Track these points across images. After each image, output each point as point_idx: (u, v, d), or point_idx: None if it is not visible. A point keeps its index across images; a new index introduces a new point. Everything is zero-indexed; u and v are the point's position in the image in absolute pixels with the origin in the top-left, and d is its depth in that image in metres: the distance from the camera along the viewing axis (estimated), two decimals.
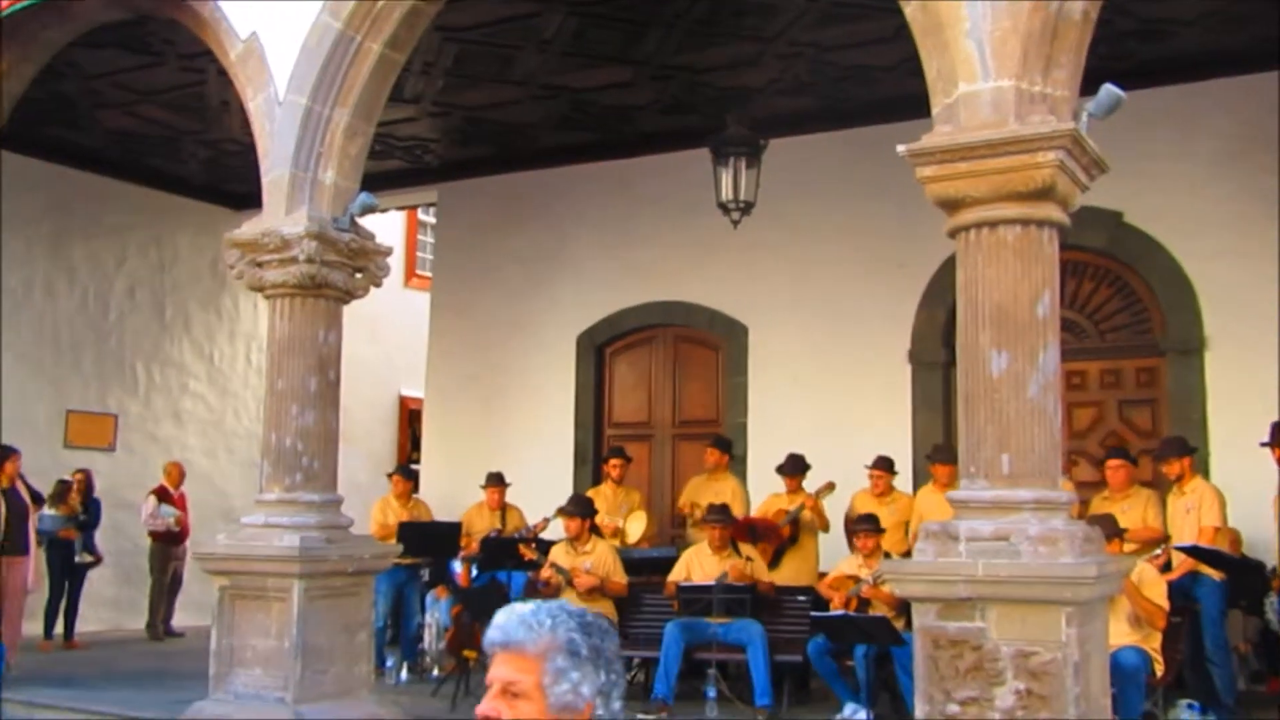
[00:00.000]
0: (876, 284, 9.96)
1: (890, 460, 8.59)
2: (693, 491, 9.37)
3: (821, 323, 10.21)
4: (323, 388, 6.20)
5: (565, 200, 11.52)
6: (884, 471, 8.52)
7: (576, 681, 1.68)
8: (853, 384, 9.97)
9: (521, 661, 1.69)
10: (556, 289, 11.50)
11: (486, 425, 11.64)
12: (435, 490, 11.41)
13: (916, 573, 4.34)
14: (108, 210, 12.30)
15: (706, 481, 9.30)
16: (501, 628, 1.72)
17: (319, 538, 5.94)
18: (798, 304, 10.32)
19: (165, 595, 11.51)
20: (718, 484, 9.23)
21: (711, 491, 9.09)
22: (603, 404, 11.35)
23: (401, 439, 15.50)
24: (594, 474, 10.91)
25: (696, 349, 11.02)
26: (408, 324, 15.13)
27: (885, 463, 8.56)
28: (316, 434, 6.15)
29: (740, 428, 10.45)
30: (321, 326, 6.21)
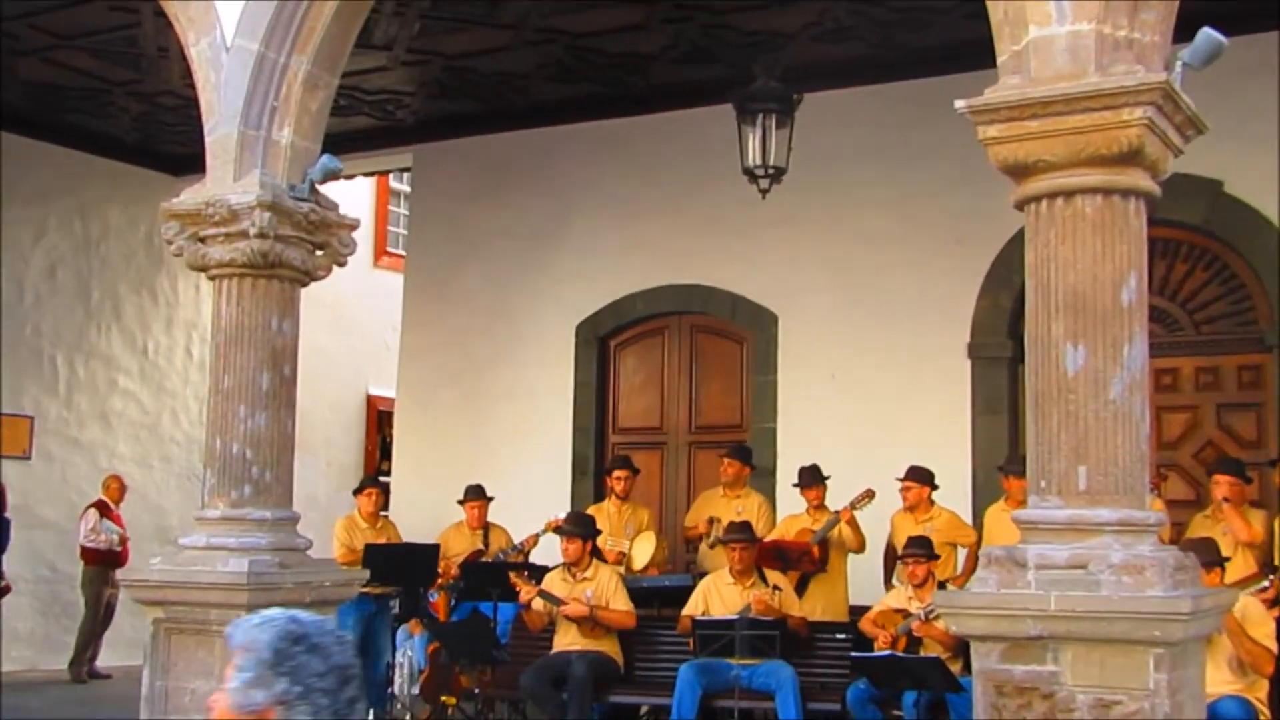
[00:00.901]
0: (930, 265, 9.96)
1: (926, 472, 8.61)
2: (704, 507, 9.41)
3: (864, 311, 10.21)
4: (276, 385, 6.20)
5: (563, 166, 11.53)
6: (917, 483, 8.55)
7: (247, 682, 1.92)
8: (901, 383, 9.96)
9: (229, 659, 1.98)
10: (552, 270, 11.51)
11: (469, 431, 11.67)
12: (408, 507, 11.44)
13: (977, 606, 4.33)
14: (23, 176, 12.31)
15: (722, 498, 9.34)
16: (236, 624, 2.00)
17: (271, 561, 5.94)
18: (836, 289, 10.32)
19: (98, 629, 11.51)
20: (738, 501, 9.27)
21: (729, 510, 9.12)
22: (606, 406, 11.37)
23: (369, 446, 15.55)
24: (596, 488, 10.94)
25: (717, 341, 11.03)
26: (377, 311, 15.17)
27: (920, 474, 8.58)
28: (269, 440, 6.16)
29: (768, 434, 10.47)
30: (275, 313, 6.21)
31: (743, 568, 8.06)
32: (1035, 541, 4.37)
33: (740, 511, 9.15)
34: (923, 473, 8.59)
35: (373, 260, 15.58)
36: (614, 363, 11.41)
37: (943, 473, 8.85)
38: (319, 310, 13.25)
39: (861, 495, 8.60)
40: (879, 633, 7.64)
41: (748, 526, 8.35)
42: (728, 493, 9.36)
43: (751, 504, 9.27)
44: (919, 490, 8.55)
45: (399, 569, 9.00)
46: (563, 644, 8.14)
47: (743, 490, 9.37)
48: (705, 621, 7.73)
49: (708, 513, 9.28)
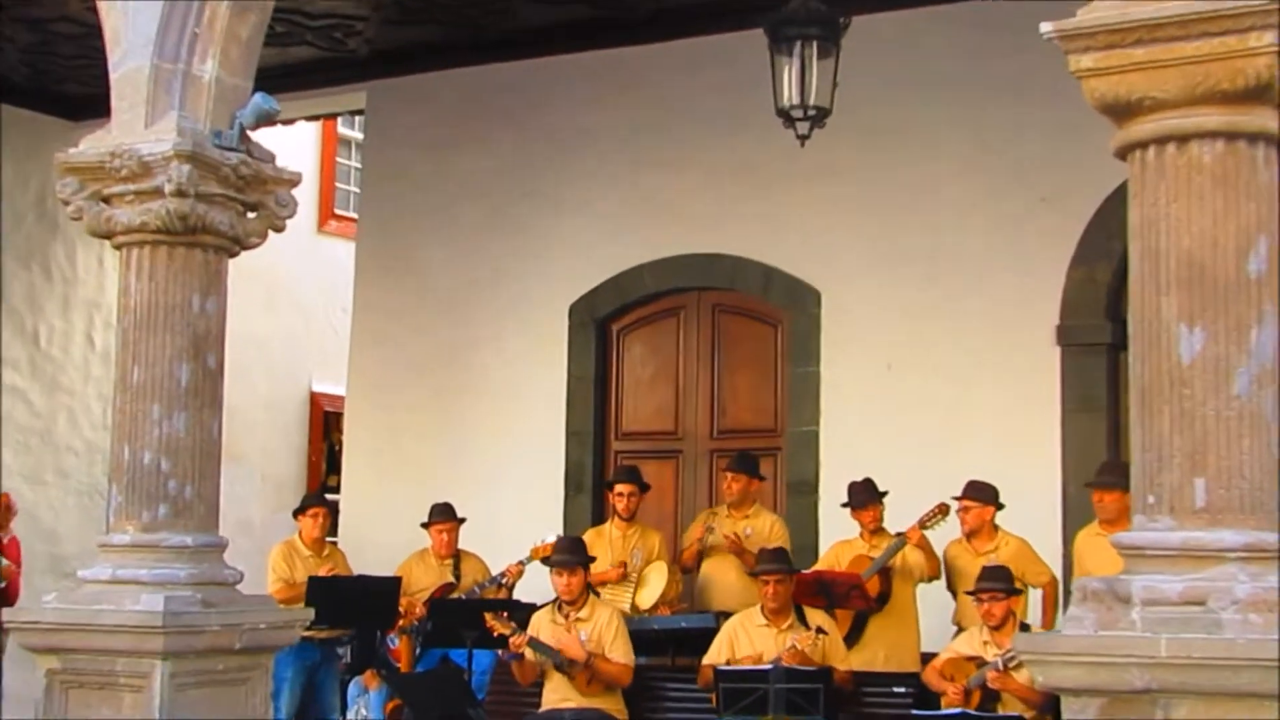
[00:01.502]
0: (1009, 229, 9.95)
1: (988, 488, 8.63)
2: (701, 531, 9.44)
3: (928, 287, 10.20)
4: (199, 380, 6.21)
5: (552, 106, 11.52)
6: (977, 502, 8.56)
7: None
8: (974, 377, 9.96)
9: None
10: (540, 237, 11.52)
11: (437, 437, 11.68)
12: (362, 532, 11.48)
13: (1069, 653, 4.33)
14: None
15: (726, 519, 9.41)
16: None
17: (192, 598, 5.96)
18: (893, 259, 10.31)
19: None
20: (745, 523, 9.33)
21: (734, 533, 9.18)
22: (607, 405, 11.37)
23: (313, 456, 15.56)
24: (595, 508, 10.96)
25: (745, 325, 11.02)
26: (322, 288, 15.17)
27: (981, 491, 8.59)
28: (189, 448, 6.17)
29: (808, 440, 10.48)
30: (197, 290, 6.22)
31: (778, 605, 8.06)
32: (1141, 571, 4.36)
33: (749, 535, 9.19)
34: (984, 489, 8.60)
35: (317, 225, 15.56)
36: (617, 352, 11.41)
37: (1025, 489, 8.85)
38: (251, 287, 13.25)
39: (933, 511, 8.60)
40: (947, 686, 7.64)
41: (784, 554, 8.35)
42: (733, 513, 9.41)
43: (762, 525, 9.31)
44: (980, 511, 8.55)
45: (350, 607, 9.02)
46: (554, 700, 8.16)
47: (750, 509, 9.41)
48: (731, 672, 7.74)
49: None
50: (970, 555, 8.49)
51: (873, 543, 8.80)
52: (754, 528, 9.28)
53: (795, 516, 10.26)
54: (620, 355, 11.40)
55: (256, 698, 6.31)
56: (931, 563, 8.67)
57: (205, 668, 6.04)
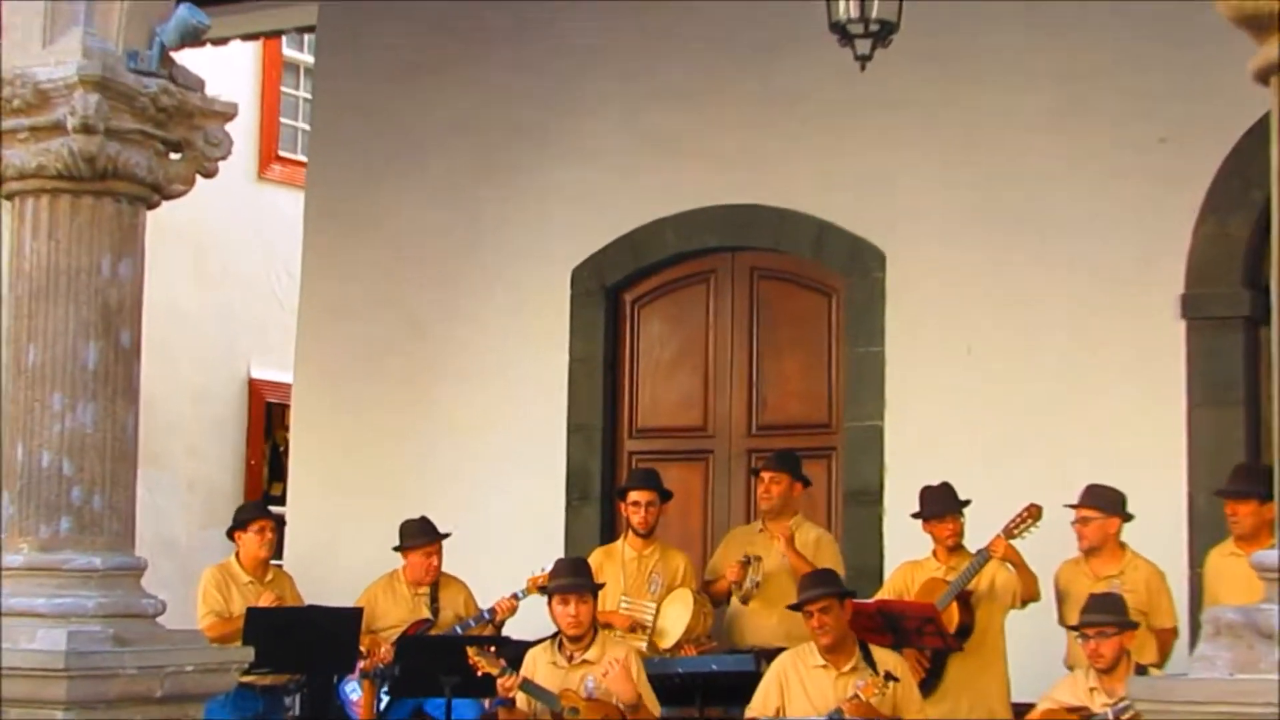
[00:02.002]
0: (1119, 176, 9.95)
1: (1113, 495, 8.61)
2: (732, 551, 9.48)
3: (1018, 248, 10.23)
4: (110, 362, 6.18)
5: (550, 23, 11.52)
6: (1099, 512, 8.54)
7: None
8: (1077, 359, 9.99)
9: None
10: (535, 185, 11.53)
11: (407, 435, 11.72)
12: (314, 554, 11.52)
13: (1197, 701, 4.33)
14: None
15: (761, 535, 9.46)
16: None
17: (102, 634, 5.92)
18: (975, 213, 10.34)
19: None
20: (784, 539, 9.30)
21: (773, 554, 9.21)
22: (619, 395, 11.42)
23: (252, 459, 15.60)
24: (604, 522, 11.01)
25: (792, 294, 11.08)
26: (263, 249, 15.17)
27: (1104, 498, 8.57)
28: (98, 446, 6.14)
29: (870, 437, 10.52)
30: (107, 250, 6.18)
31: (832, 640, 8.03)
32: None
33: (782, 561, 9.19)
34: (1108, 496, 8.58)
35: (257, 170, 15.59)
36: (631, 328, 11.45)
37: (1142, 499, 8.85)
38: (174, 250, 13.30)
39: (1022, 515, 8.61)
40: None
41: (830, 575, 8.34)
42: (770, 526, 9.43)
43: (805, 541, 9.32)
44: (1102, 524, 8.55)
45: (299, 647, 9.00)
46: None
47: (791, 520, 9.43)
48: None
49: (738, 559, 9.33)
50: (1087, 580, 8.48)
51: (950, 564, 8.81)
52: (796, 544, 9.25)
53: (854, 533, 10.32)
54: (635, 332, 11.44)
55: None
56: (1027, 581, 8.66)
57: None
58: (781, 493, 9.41)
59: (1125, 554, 8.61)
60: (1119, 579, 8.45)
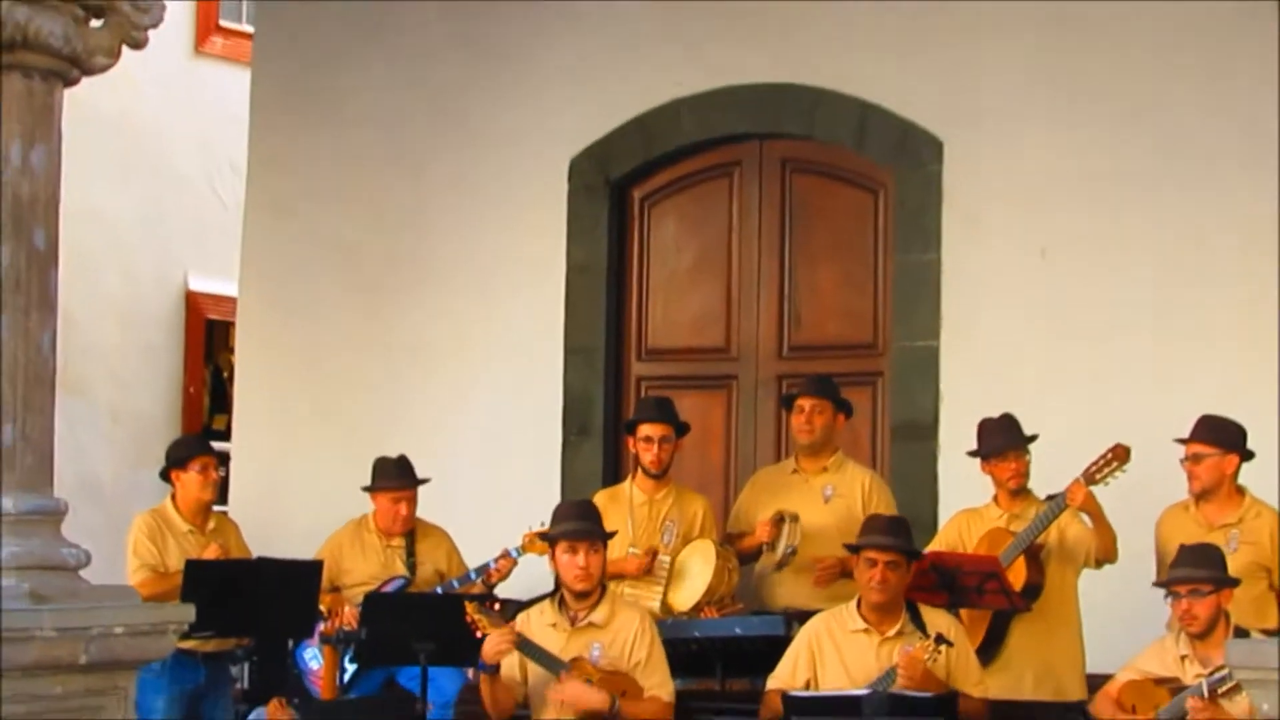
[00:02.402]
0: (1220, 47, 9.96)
1: (1231, 429, 8.58)
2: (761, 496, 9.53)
3: (1106, 133, 10.20)
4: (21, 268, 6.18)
5: None
6: (1215, 448, 8.53)
7: None
8: (1173, 266, 10.03)
9: None
10: (527, 59, 11.51)
11: (374, 357, 11.74)
12: (262, 496, 11.60)
13: None
14: None
15: (795, 476, 9.50)
16: None
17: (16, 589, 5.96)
18: (1055, 91, 10.34)
19: None
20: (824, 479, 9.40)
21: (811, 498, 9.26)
22: (626, 310, 11.46)
23: (190, 386, 15.62)
24: (608, 460, 11.07)
25: (831, 190, 11.11)
26: (201, 138, 15.13)
27: (1220, 431, 8.54)
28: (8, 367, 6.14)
29: (923, 361, 10.57)
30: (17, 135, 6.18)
31: (885, 599, 8.07)
32: None
33: (829, 497, 9.25)
34: (1227, 429, 8.54)
35: (194, 43, 15.54)
36: (641, 229, 11.48)
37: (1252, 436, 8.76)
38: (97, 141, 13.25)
39: (1106, 457, 8.55)
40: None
41: (903, 525, 8.31)
42: (805, 465, 9.47)
43: (848, 483, 9.38)
44: (1218, 462, 8.51)
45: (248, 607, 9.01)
46: None
47: (830, 459, 9.45)
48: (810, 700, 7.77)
49: (770, 504, 9.34)
50: (1198, 529, 8.43)
51: (1013, 510, 8.82)
52: (836, 486, 9.33)
53: (904, 474, 10.38)
54: (646, 235, 11.47)
55: None
56: (1104, 538, 8.63)
57: (36, 692, 6.04)
58: (825, 424, 9.41)
59: (1244, 499, 8.58)
60: (1237, 528, 8.44)
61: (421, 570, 9.69)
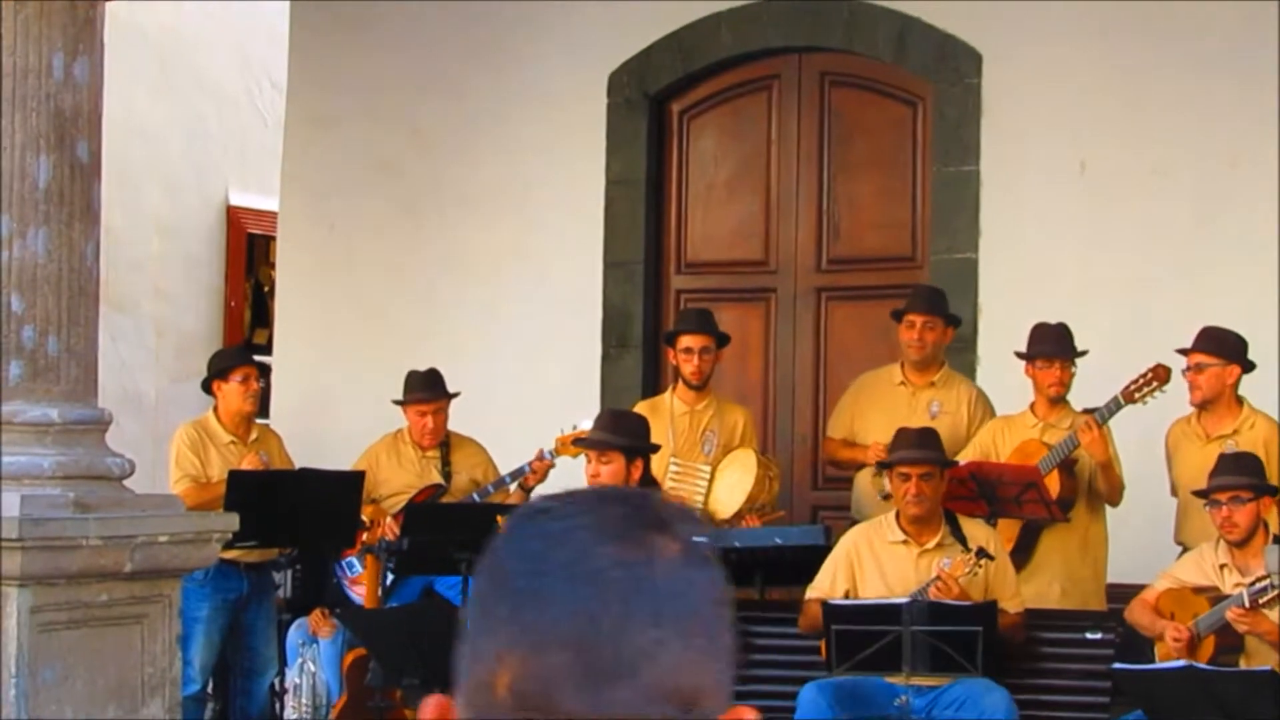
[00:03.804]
0: None
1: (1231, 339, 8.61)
2: (866, 406, 9.48)
3: (1143, 44, 10.16)
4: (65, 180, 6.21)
5: None
6: (1214, 358, 8.54)
7: None
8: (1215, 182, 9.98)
9: None
10: None
11: (413, 272, 11.73)
12: (304, 411, 11.60)
13: None
14: None
15: (901, 387, 9.44)
16: None
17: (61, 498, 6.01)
18: (1090, 11, 10.24)
19: None
20: (931, 394, 9.36)
21: (918, 413, 9.16)
22: (665, 223, 11.41)
23: (232, 300, 15.62)
24: (648, 373, 11.05)
25: (870, 103, 11.06)
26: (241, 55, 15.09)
27: (1220, 343, 8.56)
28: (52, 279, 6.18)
29: (963, 272, 10.52)
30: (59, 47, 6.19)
31: (922, 511, 8.09)
32: None
33: (936, 414, 9.20)
34: (1225, 340, 8.56)
35: None
36: (680, 143, 11.41)
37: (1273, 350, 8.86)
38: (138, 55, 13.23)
39: (1146, 376, 8.56)
40: (1166, 627, 7.66)
41: (935, 439, 8.34)
42: (912, 379, 9.43)
43: (958, 402, 9.36)
44: (1218, 372, 8.53)
45: (290, 517, 9.09)
46: None
47: (937, 374, 9.43)
48: (849, 609, 7.81)
49: (877, 418, 9.30)
50: (1198, 440, 8.50)
51: (1049, 420, 8.83)
52: (943, 402, 9.28)
53: None
54: (685, 149, 11.40)
55: (157, 644, 6.37)
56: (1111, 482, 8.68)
57: (82, 599, 6.09)
58: (936, 340, 9.33)
59: (1242, 410, 8.61)
60: (1233, 438, 8.46)
61: (457, 480, 9.70)
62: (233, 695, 9.76)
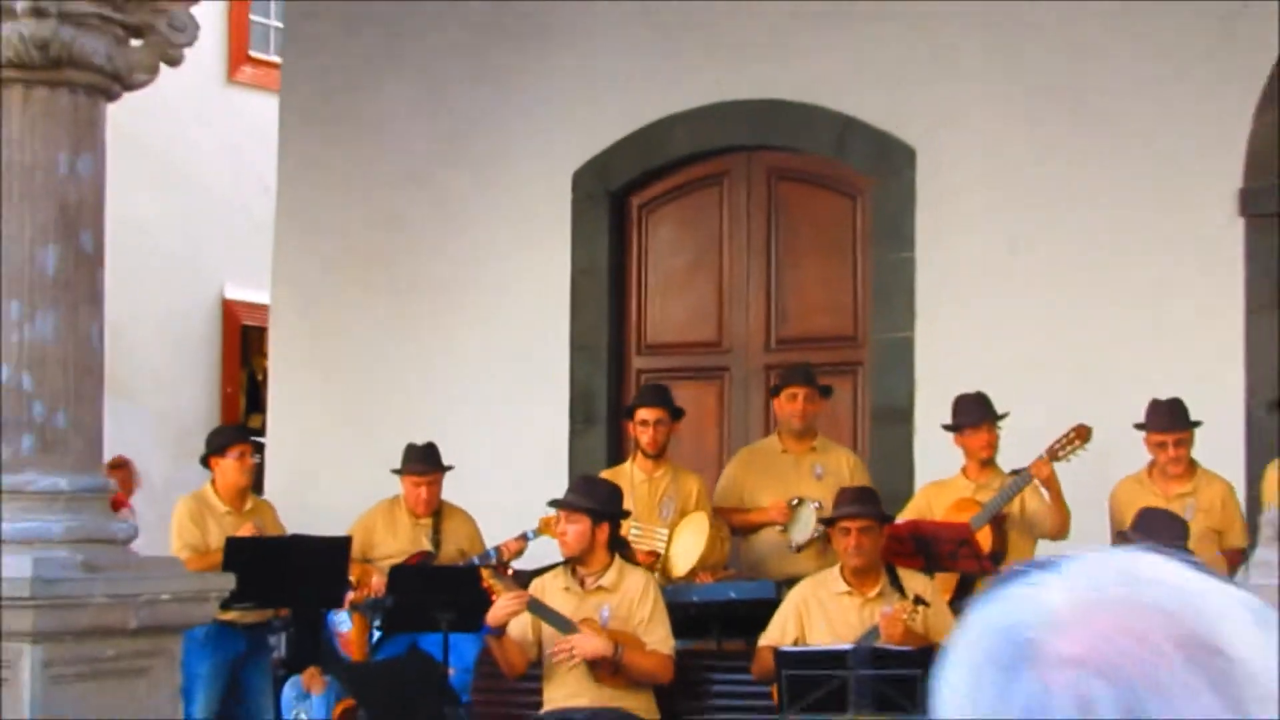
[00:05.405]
0: (1171, 63, 9.93)
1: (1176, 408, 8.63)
2: (754, 475, 9.52)
3: (1063, 140, 10.21)
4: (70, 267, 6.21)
5: None
6: (1165, 433, 8.60)
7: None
8: (1126, 260, 10.00)
9: None
10: (533, 79, 11.51)
11: (396, 355, 11.74)
12: (294, 483, 11.59)
13: None
14: None
15: (783, 455, 9.48)
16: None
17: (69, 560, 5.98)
18: (1016, 104, 10.34)
19: None
20: (814, 459, 9.40)
21: (802, 478, 9.26)
22: (626, 308, 11.46)
23: (228, 387, 15.65)
24: (611, 445, 11.07)
25: (814, 197, 11.12)
26: (235, 159, 15.16)
27: (1173, 415, 8.59)
28: (60, 359, 6.17)
29: (900, 351, 10.58)
30: (64, 145, 6.20)
31: (864, 563, 8.10)
32: None
33: (820, 477, 9.27)
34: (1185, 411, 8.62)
35: (226, 72, 15.56)
36: (639, 234, 11.47)
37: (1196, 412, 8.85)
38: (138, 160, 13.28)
39: (1069, 437, 8.67)
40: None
41: (871, 495, 8.39)
42: (793, 447, 9.49)
43: (839, 465, 9.39)
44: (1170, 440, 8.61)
45: (284, 579, 9.07)
46: (561, 698, 8.18)
47: (815, 442, 9.49)
48: (799, 655, 7.78)
49: (765, 484, 9.38)
50: (1157, 499, 8.48)
51: (980, 481, 8.90)
52: (825, 465, 9.33)
53: (882, 455, 10.41)
54: (644, 240, 11.47)
55: (160, 695, 6.33)
56: (1059, 514, 8.75)
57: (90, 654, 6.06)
58: (815, 410, 9.44)
59: (1196, 470, 8.69)
60: (1192, 497, 8.54)
61: (445, 548, 9.72)
62: None
